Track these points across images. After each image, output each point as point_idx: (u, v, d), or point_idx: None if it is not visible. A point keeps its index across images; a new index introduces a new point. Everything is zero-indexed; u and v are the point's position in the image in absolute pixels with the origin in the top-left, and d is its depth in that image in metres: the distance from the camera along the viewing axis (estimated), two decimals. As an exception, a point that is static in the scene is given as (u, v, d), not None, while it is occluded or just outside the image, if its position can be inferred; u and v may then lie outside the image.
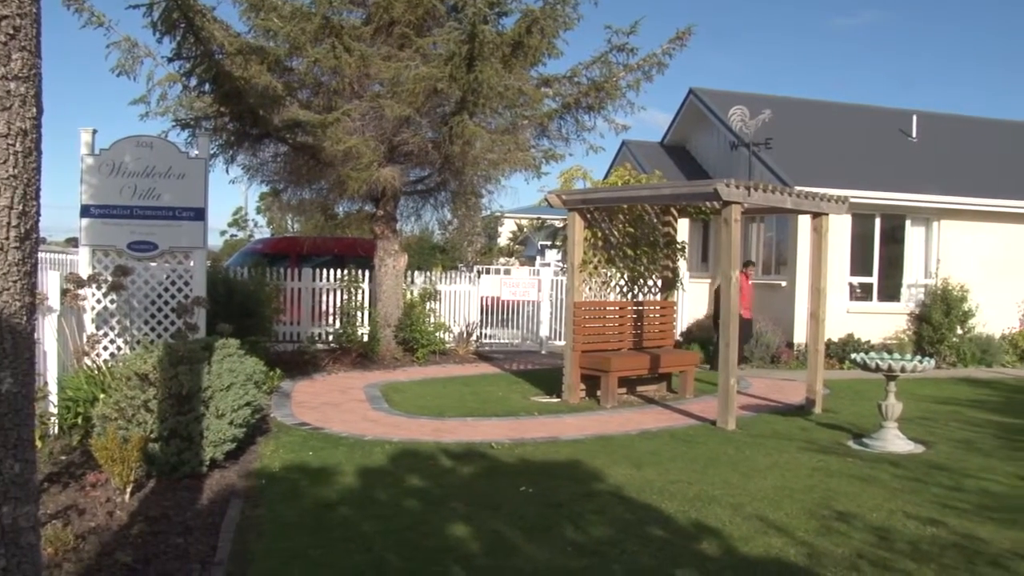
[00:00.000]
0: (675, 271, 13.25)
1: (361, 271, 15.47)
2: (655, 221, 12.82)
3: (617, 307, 12.29)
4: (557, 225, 30.83)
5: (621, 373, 11.37)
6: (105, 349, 9.09)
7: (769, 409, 11.15)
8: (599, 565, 5.20)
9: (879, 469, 7.86)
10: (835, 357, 15.51)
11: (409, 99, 12.34)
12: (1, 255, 2.91)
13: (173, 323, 9.30)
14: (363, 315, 15.24)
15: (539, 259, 32.33)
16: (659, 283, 12.96)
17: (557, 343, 17.11)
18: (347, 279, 15.37)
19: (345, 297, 15.41)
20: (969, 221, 17.39)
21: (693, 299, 18.45)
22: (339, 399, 11.02)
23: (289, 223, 28.05)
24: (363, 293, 15.46)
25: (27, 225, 3.00)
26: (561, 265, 18.84)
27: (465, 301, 17.08)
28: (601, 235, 12.20)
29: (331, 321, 15.45)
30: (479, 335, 17.08)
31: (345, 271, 15.44)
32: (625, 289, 12.74)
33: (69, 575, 4.84)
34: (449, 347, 15.94)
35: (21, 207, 2.97)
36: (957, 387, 13.70)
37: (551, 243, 33.99)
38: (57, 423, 7.87)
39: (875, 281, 17.21)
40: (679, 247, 13.26)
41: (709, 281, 18.96)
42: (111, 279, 8.92)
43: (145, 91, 12.79)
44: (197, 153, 9.81)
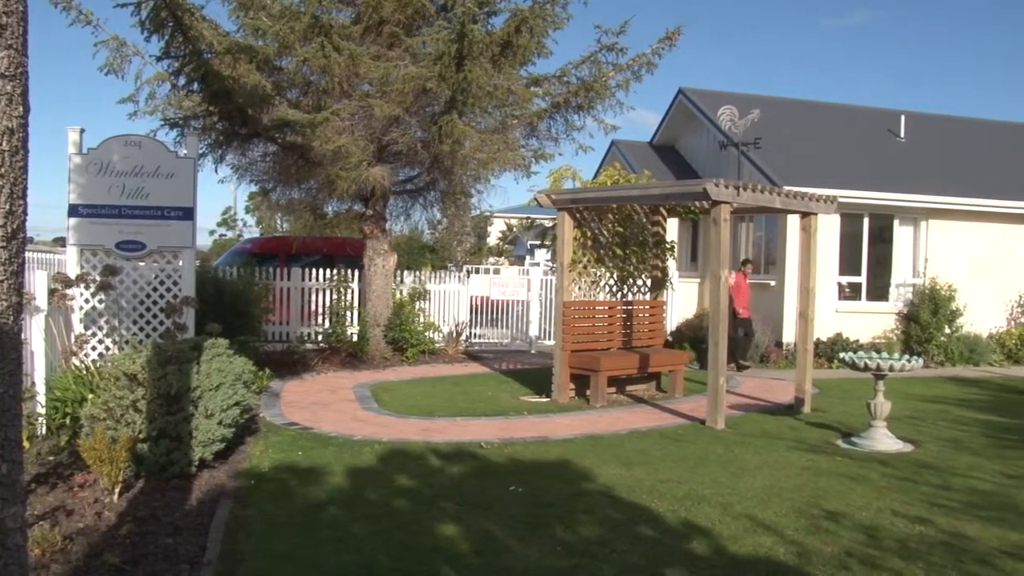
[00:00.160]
0: (664, 271, 13.28)
1: (350, 271, 15.45)
2: (644, 221, 12.84)
3: (606, 307, 12.30)
4: (547, 225, 30.82)
5: (611, 372, 11.38)
6: (93, 349, 9.05)
7: (758, 408, 11.18)
8: (589, 565, 5.20)
9: (868, 468, 7.88)
10: (824, 356, 15.56)
11: (398, 98, 12.33)
12: (-12, 254, 2.89)
13: (162, 323, 9.27)
14: (352, 315, 15.21)
15: (528, 259, 32.36)
16: (648, 282, 12.98)
17: (547, 342, 17.12)
18: (336, 279, 15.35)
19: (334, 297, 15.39)
20: (957, 221, 17.47)
21: (682, 299, 18.48)
22: (328, 399, 11.00)
23: (278, 223, 27.98)
24: (352, 293, 15.44)
25: (14, 224, 2.99)
26: (550, 265, 18.84)
27: (454, 301, 17.07)
28: (591, 235, 12.21)
29: (320, 321, 15.42)
30: (468, 335, 17.07)
31: (334, 271, 15.41)
32: (615, 288, 12.75)
33: (57, 576, 4.82)
34: (438, 347, 15.93)
35: (8, 206, 2.96)
36: (945, 386, 13.76)
37: (540, 243, 33.97)
38: (45, 424, 7.83)
39: (864, 281, 17.27)
40: (668, 247, 13.29)
41: (698, 281, 19.00)
42: (99, 279, 8.89)
43: (133, 90, 12.78)
44: (186, 152, 9.77)
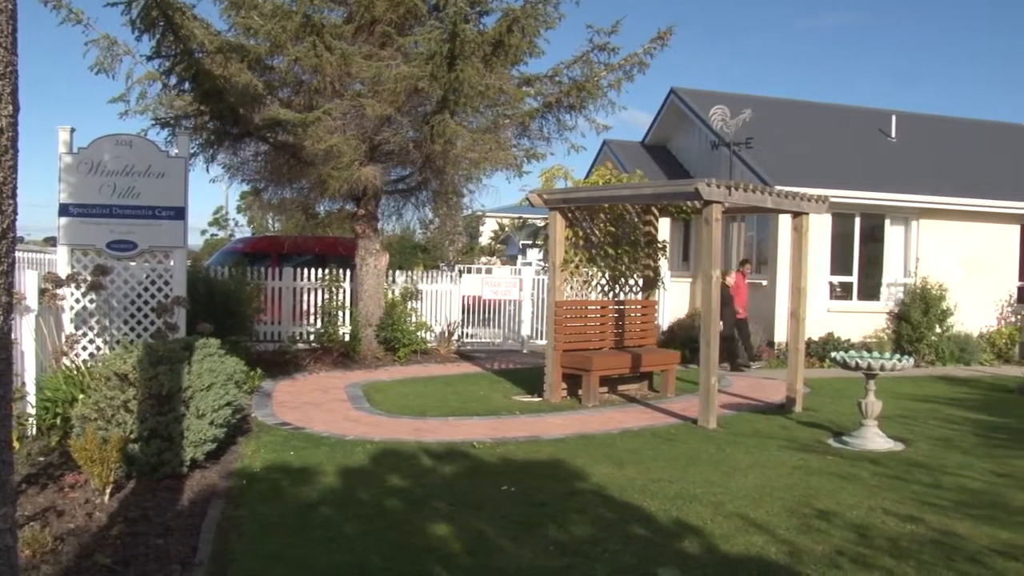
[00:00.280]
0: (656, 270, 13.28)
1: (342, 270, 15.42)
2: (636, 220, 12.85)
3: (599, 306, 12.30)
4: (538, 224, 30.89)
5: (603, 372, 11.39)
6: (84, 349, 9.03)
7: (750, 408, 11.20)
8: (581, 564, 5.20)
9: (859, 467, 7.90)
10: (815, 356, 15.58)
11: (390, 98, 12.32)
12: (-23, 254, 2.88)
13: (153, 323, 9.25)
14: (344, 314, 15.19)
15: (520, 258, 32.39)
16: (640, 282, 12.99)
17: (539, 342, 17.12)
18: (328, 278, 15.31)
19: (326, 296, 15.36)
20: (948, 221, 17.52)
21: (674, 298, 18.49)
22: (320, 399, 10.98)
23: (270, 222, 27.95)
24: (344, 292, 15.41)
25: (3, 224, 2.97)
26: (542, 264, 18.85)
27: (446, 300, 17.06)
28: (582, 234, 12.22)
29: (312, 321, 15.38)
30: (460, 334, 17.06)
31: (326, 270, 15.39)
32: (606, 288, 12.76)
33: (47, 577, 4.80)
34: (431, 346, 15.93)
35: (-3, 206, 2.95)
36: (936, 385, 13.80)
37: (532, 242, 34.05)
38: (35, 424, 7.80)
39: (855, 280, 17.31)
40: (660, 246, 13.30)
41: (690, 280, 19.02)
42: (90, 278, 8.87)
43: (124, 89, 12.73)
44: (177, 152, 9.76)
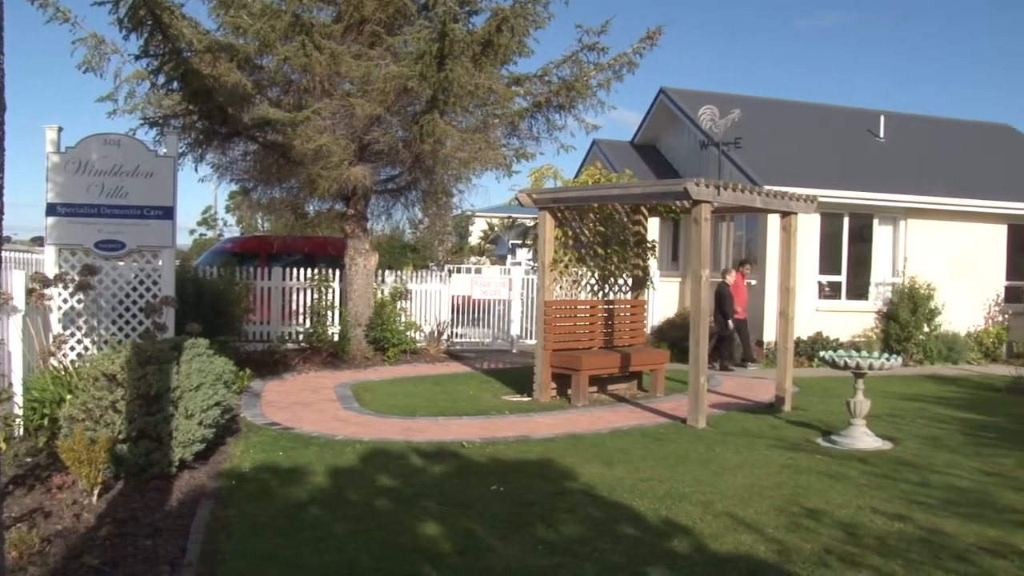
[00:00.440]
0: (645, 270, 13.31)
1: (332, 270, 15.40)
2: (625, 220, 12.87)
3: (588, 306, 12.32)
4: (528, 224, 30.86)
5: (592, 372, 11.41)
6: (72, 349, 8.99)
7: (739, 407, 11.23)
8: (571, 563, 5.21)
9: (848, 466, 7.94)
10: (804, 355, 15.64)
11: (379, 98, 12.30)
12: (-36, 254, 2.87)
13: (141, 323, 9.21)
14: (334, 314, 15.17)
15: (510, 258, 32.36)
16: (630, 282, 13.02)
17: (528, 342, 17.12)
18: (317, 278, 15.29)
19: (315, 296, 15.33)
20: (936, 220, 17.60)
21: (663, 298, 18.52)
22: (310, 399, 10.97)
23: (259, 222, 27.85)
24: (333, 292, 15.38)
25: (-9, 224, 2.96)
26: (532, 264, 18.84)
27: (436, 300, 17.05)
28: (572, 234, 12.23)
29: (301, 320, 15.35)
30: (450, 334, 17.05)
31: (315, 270, 15.36)
32: (596, 288, 12.78)
33: (35, 578, 4.78)
34: (420, 346, 15.92)
35: (-15, 205, 2.93)
36: (924, 384, 13.87)
37: (522, 242, 34.03)
38: (22, 425, 7.77)
39: (844, 280, 17.37)
40: (649, 246, 13.32)
41: (679, 280, 19.05)
42: (78, 278, 8.82)
43: (112, 88, 12.66)
44: (165, 151, 9.72)
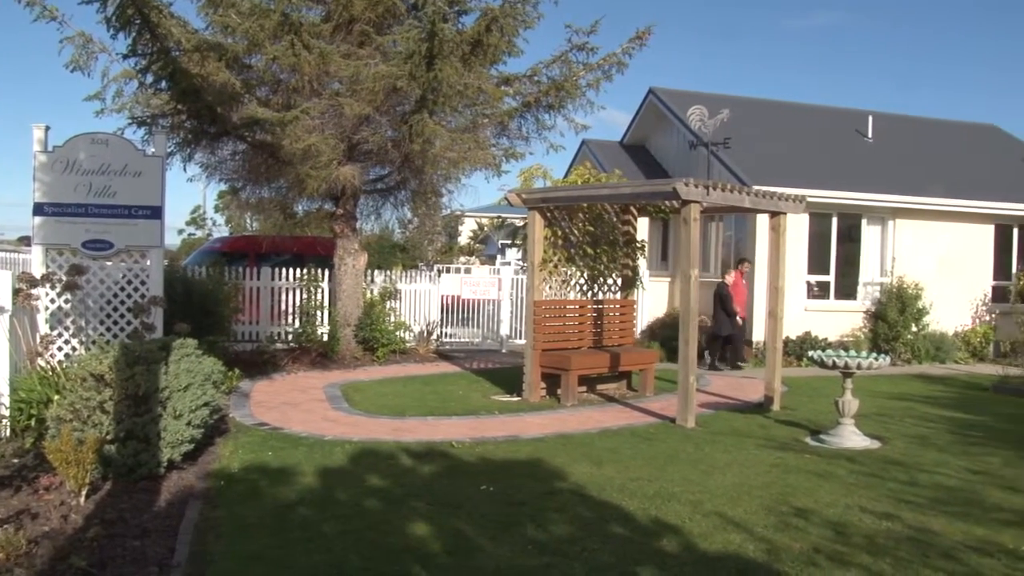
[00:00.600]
0: (635, 270, 13.33)
1: (321, 270, 15.37)
2: (615, 220, 12.88)
3: (577, 306, 12.32)
4: (517, 224, 30.85)
5: (581, 371, 11.41)
6: (59, 350, 8.95)
7: (728, 407, 11.26)
8: (560, 563, 5.21)
9: (836, 465, 7.96)
10: (793, 355, 15.69)
11: (369, 97, 12.27)
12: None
13: (129, 323, 9.18)
14: (323, 314, 15.14)
15: (499, 258, 32.34)
16: (619, 282, 13.03)
17: (518, 342, 17.12)
18: (306, 278, 15.26)
19: (304, 296, 15.31)
20: (923, 220, 17.67)
21: (653, 298, 18.56)
22: (299, 399, 10.94)
23: (248, 222, 27.81)
24: (323, 292, 15.36)
25: (-23, 223, 2.94)
26: (521, 264, 18.85)
27: (425, 300, 17.03)
28: (561, 234, 12.23)
29: (290, 320, 15.33)
30: (439, 334, 17.04)
31: (304, 270, 15.34)
32: (585, 288, 12.79)
33: (22, 580, 4.76)
34: (409, 346, 15.90)
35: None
36: (912, 383, 13.93)
37: (511, 242, 33.99)
38: (9, 426, 7.74)
39: (832, 279, 17.42)
40: (639, 246, 13.34)
41: (669, 280, 19.08)
42: (65, 278, 8.78)
43: (100, 87, 12.57)
44: (154, 151, 9.69)
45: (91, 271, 9.14)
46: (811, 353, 9.75)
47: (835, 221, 17.28)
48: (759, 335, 15.73)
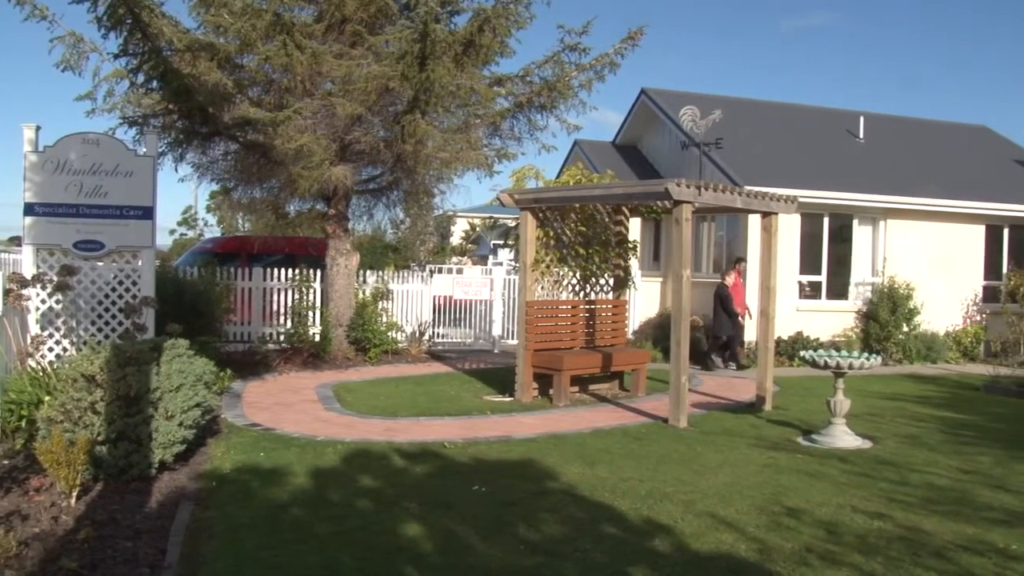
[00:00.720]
0: (627, 270, 13.34)
1: (313, 270, 15.34)
2: (607, 220, 12.90)
3: (569, 306, 12.33)
4: (509, 224, 30.84)
5: (574, 372, 11.42)
6: (50, 350, 8.93)
7: (720, 407, 11.27)
8: (552, 563, 5.21)
9: (828, 465, 7.98)
10: (785, 355, 15.72)
11: (361, 97, 12.27)
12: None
13: (121, 323, 9.16)
14: (315, 315, 15.12)
15: (491, 258, 32.31)
16: (611, 282, 13.04)
17: (510, 342, 17.12)
18: (298, 278, 15.24)
19: (296, 297, 15.29)
20: (915, 221, 17.73)
21: (645, 298, 18.58)
22: (291, 399, 10.92)
23: (240, 222, 27.76)
24: (315, 293, 15.33)
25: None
26: (513, 264, 18.85)
27: (417, 300, 17.02)
28: (553, 234, 12.24)
29: (282, 321, 15.31)
30: (432, 334, 17.04)
31: (296, 270, 15.31)
32: (577, 288, 12.80)
33: (13, 581, 4.74)
34: (401, 347, 15.89)
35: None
36: (903, 383, 13.97)
37: (503, 242, 33.95)
38: (-1, 426, 7.70)
39: (824, 279, 17.47)
40: (631, 246, 13.36)
41: (661, 280, 19.09)
42: (56, 279, 8.77)
43: (91, 87, 12.58)
44: (145, 151, 9.68)
45: (82, 271, 9.12)
46: (803, 353, 9.77)
47: (827, 221, 17.32)
48: (751, 335, 15.75)
